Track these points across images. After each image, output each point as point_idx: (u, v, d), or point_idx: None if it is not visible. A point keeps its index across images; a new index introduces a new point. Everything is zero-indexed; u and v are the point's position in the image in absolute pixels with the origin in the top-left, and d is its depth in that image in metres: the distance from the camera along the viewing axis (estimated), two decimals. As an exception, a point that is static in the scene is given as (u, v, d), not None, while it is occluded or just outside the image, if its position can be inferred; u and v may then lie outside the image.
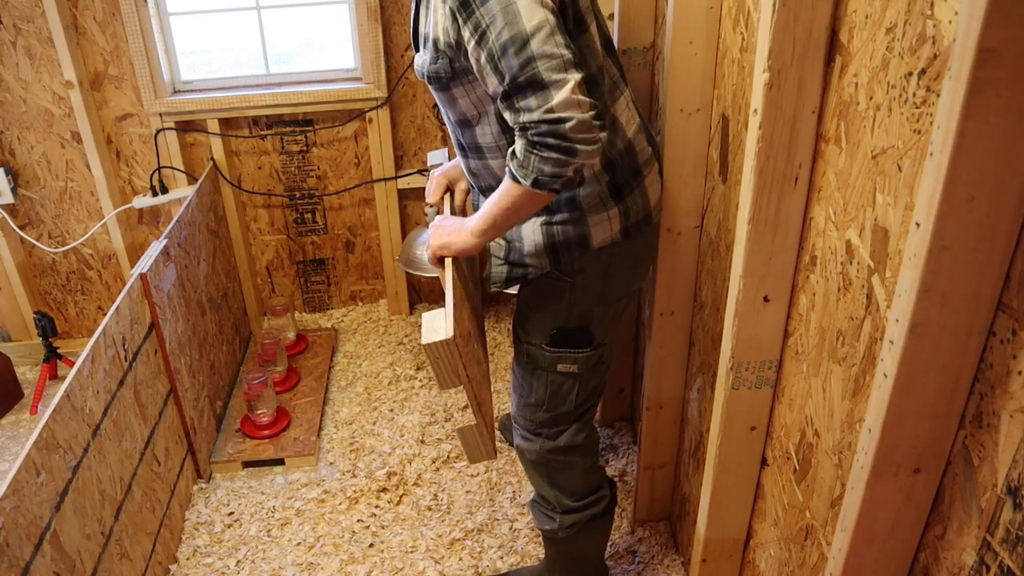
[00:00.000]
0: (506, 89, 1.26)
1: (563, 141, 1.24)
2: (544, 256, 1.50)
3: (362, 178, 2.87)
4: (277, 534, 2.14)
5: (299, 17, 2.80)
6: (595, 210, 1.47)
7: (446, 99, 1.45)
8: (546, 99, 1.23)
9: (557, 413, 1.63)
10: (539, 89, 1.23)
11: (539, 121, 1.23)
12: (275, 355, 2.64)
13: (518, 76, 1.23)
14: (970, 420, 0.90)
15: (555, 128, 1.23)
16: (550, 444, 1.66)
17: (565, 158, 1.25)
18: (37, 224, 2.80)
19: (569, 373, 1.58)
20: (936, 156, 0.77)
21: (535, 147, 1.26)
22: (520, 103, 1.25)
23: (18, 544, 1.35)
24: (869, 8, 0.99)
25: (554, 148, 1.25)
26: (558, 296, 1.53)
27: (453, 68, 1.37)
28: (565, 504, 1.72)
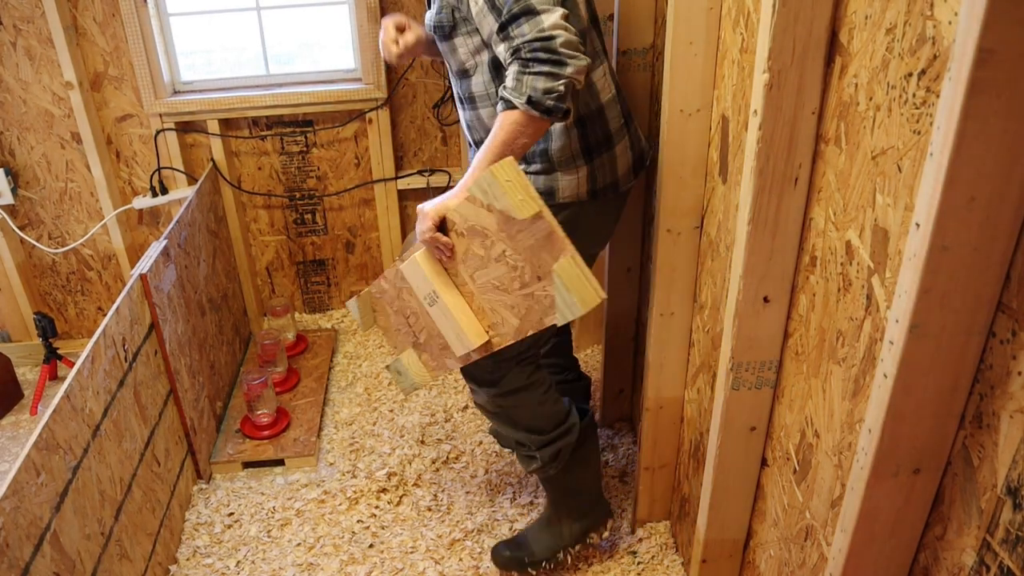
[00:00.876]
0: (502, 22, 1.40)
1: (553, 55, 1.36)
2: None
3: (362, 179, 2.87)
4: (277, 535, 2.14)
5: (299, 18, 2.80)
6: (565, 165, 1.61)
7: (448, 49, 1.60)
8: (537, 23, 1.37)
9: (498, 359, 1.66)
10: (531, 15, 1.37)
11: (532, 40, 1.36)
12: (275, 356, 2.64)
13: (513, 7, 1.38)
14: (970, 420, 0.90)
15: (546, 44, 1.36)
16: (494, 391, 1.74)
17: (556, 71, 1.36)
18: (37, 225, 2.80)
19: None
20: (936, 157, 0.78)
21: (528, 64, 1.37)
22: (514, 31, 1.39)
23: (18, 544, 1.35)
24: (869, 9, 0.99)
25: (546, 62, 1.36)
26: None
27: (454, 17, 1.54)
28: (537, 440, 1.81)
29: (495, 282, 1.48)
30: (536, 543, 1.94)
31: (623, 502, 2.19)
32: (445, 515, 2.19)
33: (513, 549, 1.96)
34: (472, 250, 1.48)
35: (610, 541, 2.07)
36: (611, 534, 2.08)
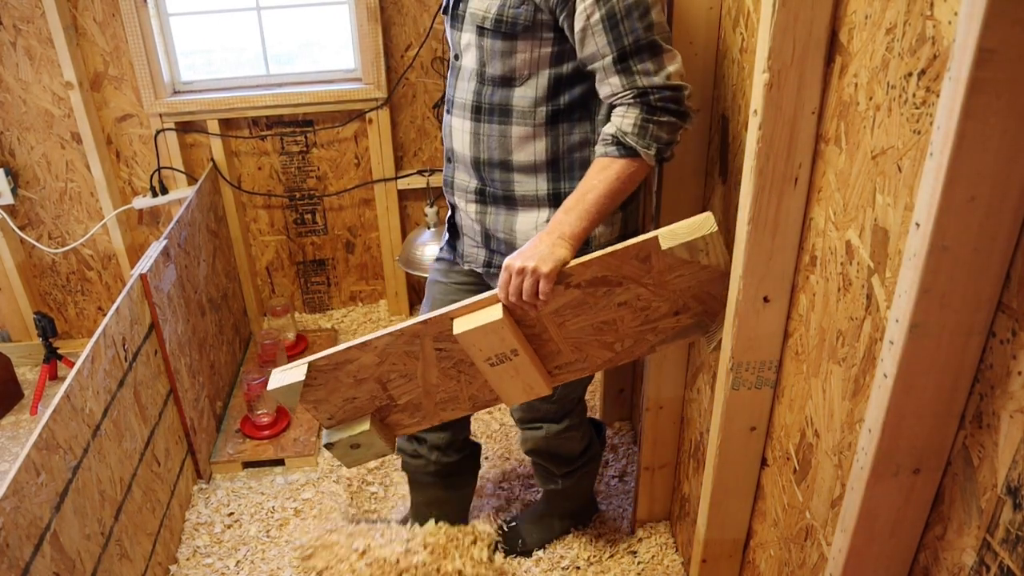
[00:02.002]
0: (624, 50, 1.29)
1: (682, 107, 1.32)
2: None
3: (362, 179, 2.87)
4: (277, 534, 2.14)
5: (299, 18, 2.80)
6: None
7: (502, 49, 1.38)
8: (662, 64, 1.30)
9: (564, 402, 1.73)
10: (656, 53, 1.30)
11: (663, 87, 1.30)
12: (275, 355, 2.64)
13: (641, 39, 1.28)
14: (970, 420, 0.90)
15: (677, 94, 1.31)
16: (555, 428, 1.77)
17: (681, 123, 1.33)
18: (37, 225, 2.80)
19: None
20: (936, 156, 0.78)
21: (656, 112, 1.31)
22: (638, 66, 1.30)
23: (18, 544, 1.35)
24: (869, 8, 0.99)
25: (675, 113, 1.32)
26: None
27: (535, 18, 1.34)
28: (563, 470, 1.88)
29: (600, 325, 1.41)
30: (528, 535, 2.03)
31: (623, 502, 2.19)
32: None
33: (507, 538, 2.02)
34: (576, 299, 1.38)
35: (611, 541, 2.07)
36: (611, 534, 2.09)
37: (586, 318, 1.41)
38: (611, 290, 1.37)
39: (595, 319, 1.41)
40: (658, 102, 1.31)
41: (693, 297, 1.38)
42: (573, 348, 1.45)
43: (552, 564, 2.01)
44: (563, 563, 2.01)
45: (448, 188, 1.62)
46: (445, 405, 1.55)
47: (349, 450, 1.56)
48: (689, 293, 1.37)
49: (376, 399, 1.53)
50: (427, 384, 1.51)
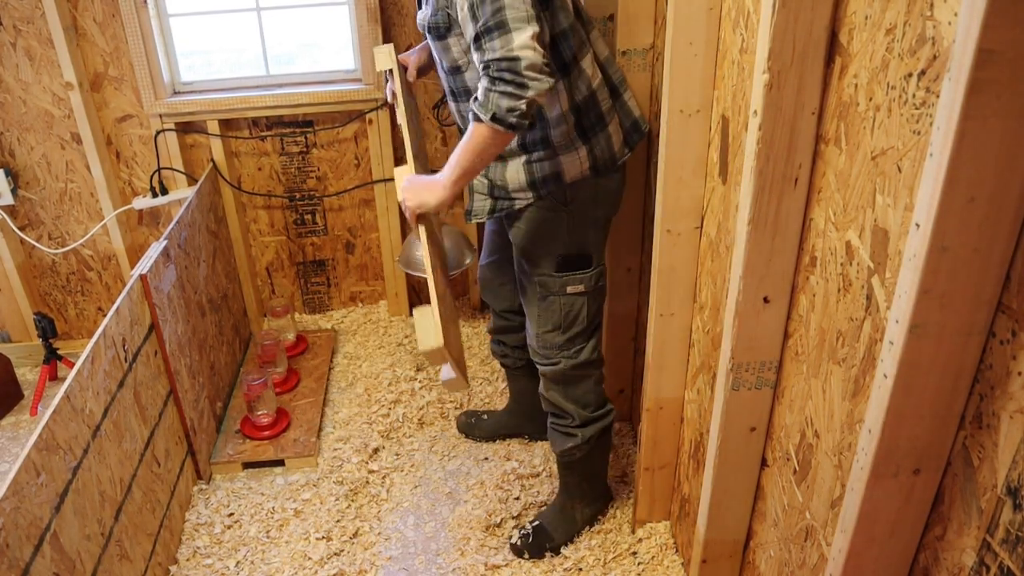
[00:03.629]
0: (478, 32, 1.50)
1: (518, 76, 1.47)
2: (528, 190, 1.75)
3: (362, 179, 2.87)
4: (277, 535, 2.14)
5: (299, 18, 2.80)
6: (565, 148, 1.71)
7: (441, 48, 1.71)
8: (508, 41, 1.47)
9: (572, 333, 1.86)
10: (504, 32, 1.47)
11: (499, 58, 1.47)
12: (275, 356, 2.64)
13: (489, 20, 1.48)
14: (970, 421, 0.90)
15: (512, 64, 1.47)
16: (572, 362, 1.89)
17: (519, 92, 1.48)
18: (37, 225, 2.80)
19: (578, 293, 1.83)
20: (936, 157, 0.78)
21: (494, 83, 1.49)
22: (486, 44, 1.49)
23: (18, 545, 1.35)
24: (869, 9, 0.99)
25: (510, 83, 1.48)
26: (558, 226, 1.78)
27: (449, 19, 1.63)
28: (583, 416, 1.95)
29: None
30: (555, 531, 2.07)
31: (623, 502, 2.19)
32: (450, 513, 2.19)
33: (535, 538, 2.05)
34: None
35: (611, 541, 2.07)
36: (611, 534, 2.09)
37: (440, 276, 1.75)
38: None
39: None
40: (495, 72, 1.49)
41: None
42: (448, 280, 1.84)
43: (553, 565, 2.01)
44: (565, 564, 2.01)
45: None
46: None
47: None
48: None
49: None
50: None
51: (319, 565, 2.03)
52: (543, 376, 1.96)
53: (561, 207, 1.76)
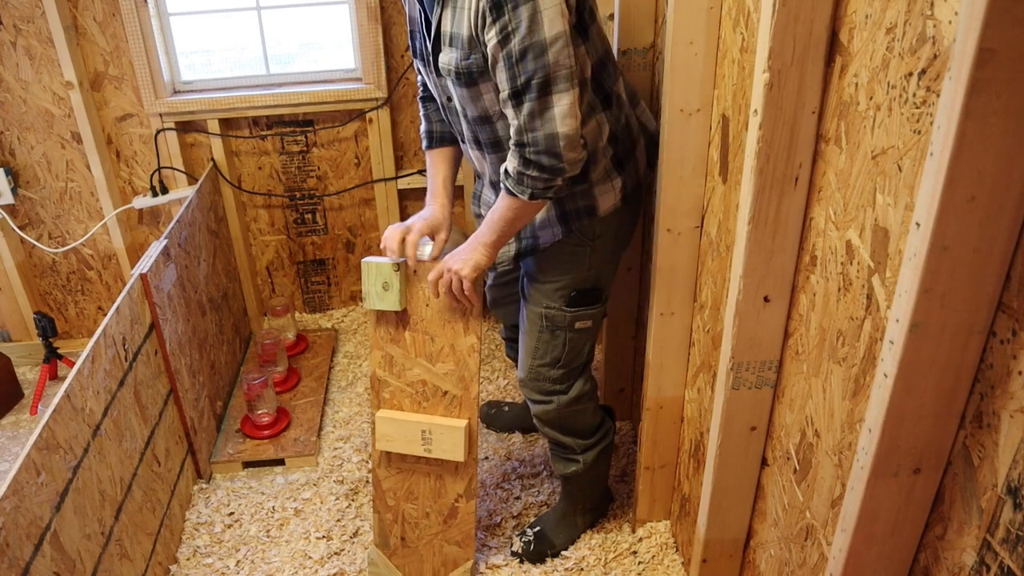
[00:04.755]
0: (518, 88, 1.39)
1: (556, 161, 1.42)
2: (557, 225, 1.65)
3: (362, 178, 2.87)
4: (277, 534, 2.14)
5: (299, 18, 2.80)
6: (601, 182, 1.61)
7: (470, 95, 1.53)
8: (547, 109, 1.38)
9: (570, 368, 1.80)
10: (544, 94, 1.38)
11: (537, 139, 1.41)
12: (275, 355, 2.64)
13: (532, 76, 1.37)
14: (970, 420, 0.90)
15: (550, 145, 1.41)
16: (564, 399, 1.83)
17: (556, 176, 1.45)
18: (37, 224, 2.80)
19: (584, 329, 1.76)
20: (936, 156, 0.78)
21: (528, 165, 1.44)
22: (526, 106, 1.39)
23: (18, 544, 1.35)
24: (869, 8, 0.99)
25: (547, 168, 1.43)
26: (579, 261, 1.69)
27: (485, 65, 1.45)
28: (582, 444, 1.92)
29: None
30: (556, 536, 2.06)
31: (623, 502, 2.19)
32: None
33: (536, 544, 2.04)
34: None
35: (611, 541, 2.07)
36: (612, 534, 2.09)
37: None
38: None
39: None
40: (532, 155, 1.43)
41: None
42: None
43: (553, 566, 2.02)
44: (566, 564, 2.01)
45: (476, 201, 1.85)
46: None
47: (381, 289, 1.78)
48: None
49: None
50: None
51: (319, 564, 2.03)
52: (535, 416, 1.89)
53: (587, 242, 1.67)
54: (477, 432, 1.87)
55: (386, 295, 1.77)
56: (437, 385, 1.84)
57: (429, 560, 1.98)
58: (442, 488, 1.92)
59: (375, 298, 1.78)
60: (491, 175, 1.69)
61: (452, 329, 1.79)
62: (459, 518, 1.94)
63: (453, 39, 1.47)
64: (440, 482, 1.92)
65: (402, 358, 1.85)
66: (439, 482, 1.92)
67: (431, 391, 1.85)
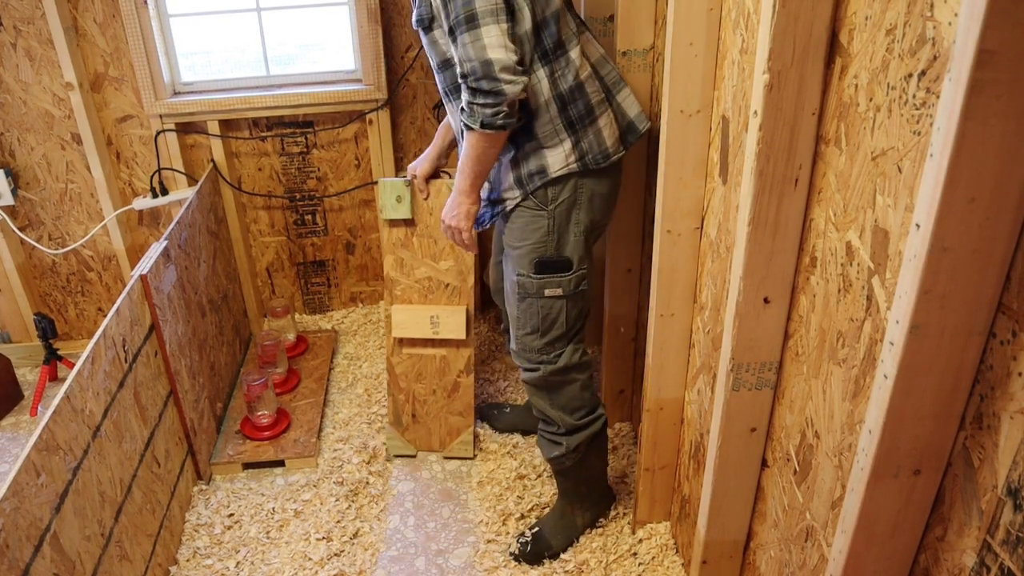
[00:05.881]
0: (451, 25, 1.55)
1: (494, 83, 1.54)
2: (515, 187, 1.77)
3: (362, 179, 2.87)
4: (277, 535, 2.14)
5: (299, 19, 2.80)
6: (549, 139, 1.71)
7: (429, 42, 1.73)
8: (477, 40, 1.52)
9: (551, 337, 1.85)
10: (472, 27, 1.53)
11: (473, 67, 1.54)
12: (275, 356, 2.64)
13: (460, 13, 1.53)
14: (970, 421, 0.90)
15: (486, 69, 1.53)
16: (551, 367, 1.87)
17: (498, 99, 1.55)
18: (37, 226, 2.80)
19: (556, 296, 1.82)
20: (936, 157, 0.78)
21: (474, 94, 1.56)
22: (459, 40, 1.55)
23: (18, 545, 1.35)
24: (869, 10, 0.99)
25: (488, 92, 1.55)
26: (539, 226, 1.78)
27: (432, 9, 1.66)
28: (568, 423, 1.93)
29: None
30: (554, 537, 2.05)
31: (623, 502, 2.19)
32: (450, 513, 2.19)
33: (533, 545, 2.03)
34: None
35: (612, 542, 2.07)
36: (612, 535, 2.09)
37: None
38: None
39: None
40: (472, 83, 1.56)
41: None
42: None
43: (553, 567, 2.01)
44: (567, 566, 2.01)
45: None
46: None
47: (395, 202, 2.19)
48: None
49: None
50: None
51: (319, 566, 2.03)
52: (525, 383, 1.95)
53: (542, 207, 1.76)
54: (474, 316, 2.32)
55: (399, 206, 2.18)
56: (440, 279, 2.26)
57: (436, 431, 2.40)
58: (446, 366, 2.34)
59: (390, 209, 2.18)
60: (457, 124, 1.81)
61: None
62: (460, 391, 2.36)
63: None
64: (444, 362, 2.34)
65: (411, 259, 2.26)
66: (443, 362, 2.34)
67: (435, 285, 2.27)
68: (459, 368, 2.33)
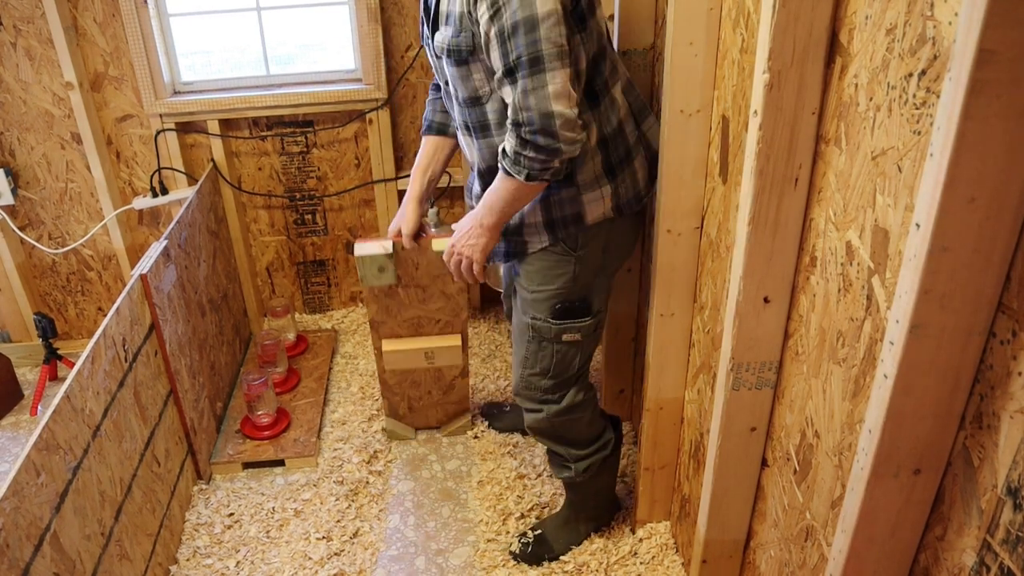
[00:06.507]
0: (510, 65, 1.39)
1: (551, 140, 1.40)
2: (543, 232, 1.64)
3: (362, 179, 2.87)
4: (277, 535, 2.14)
5: (299, 18, 2.80)
6: (589, 188, 1.60)
7: (460, 75, 1.54)
8: (541, 86, 1.37)
9: (561, 379, 1.79)
10: (537, 71, 1.37)
11: (532, 117, 1.39)
12: (275, 356, 2.64)
13: (522, 53, 1.36)
14: (970, 421, 0.90)
15: (546, 124, 1.39)
16: (555, 408, 1.81)
17: (552, 157, 1.43)
18: (37, 225, 2.80)
19: (573, 342, 1.73)
20: (936, 157, 0.78)
21: (525, 145, 1.42)
22: (520, 83, 1.38)
23: (18, 545, 1.35)
24: (869, 9, 0.99)
25: (543, 148, 1.41)
26: (563, 272, 1.67)
27: (474, 42, 1.46)
28: (575, 454, 1.91)
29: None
30: (556, 542, 2.05)
31: (624, 502, 2.19)
32: (450, 512, 2.19)
33: (535, 547, 2.03)
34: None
35: (611, 541, 2.07)
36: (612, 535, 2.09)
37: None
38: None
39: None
40: (528, 134, 1.41)
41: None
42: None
43: (552, 567, 2.01)
44: (566, 567, 2.01)
45: (469, 193, 1.82)
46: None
47: (377, 271, 2.07)
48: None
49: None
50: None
51: (319, 565, 2.03)
52: (530, 429, 1.89)
53: (570, 253, 1.65)
54: (467, 334, 2.25)
55: (382, 275, 2.07)
56: (431, 316, 2.19)
57: (434, 416, 2.45)
58: (440, 375, 2.34)
59: (372, 279, 2.07)
60: (479, 163, 1.67)
61: (441, 280, 2.10)
62: (456, 389, 2.37)
63: (448, 17, 1.49)
64: (439, 372, 2.32)
65: (397, 306, 2.17)
66: (437, 372, 2.32)
67: (426, 320, 2.20)
68: (454, 375, 2.36)
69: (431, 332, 2.21)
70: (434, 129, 1.88)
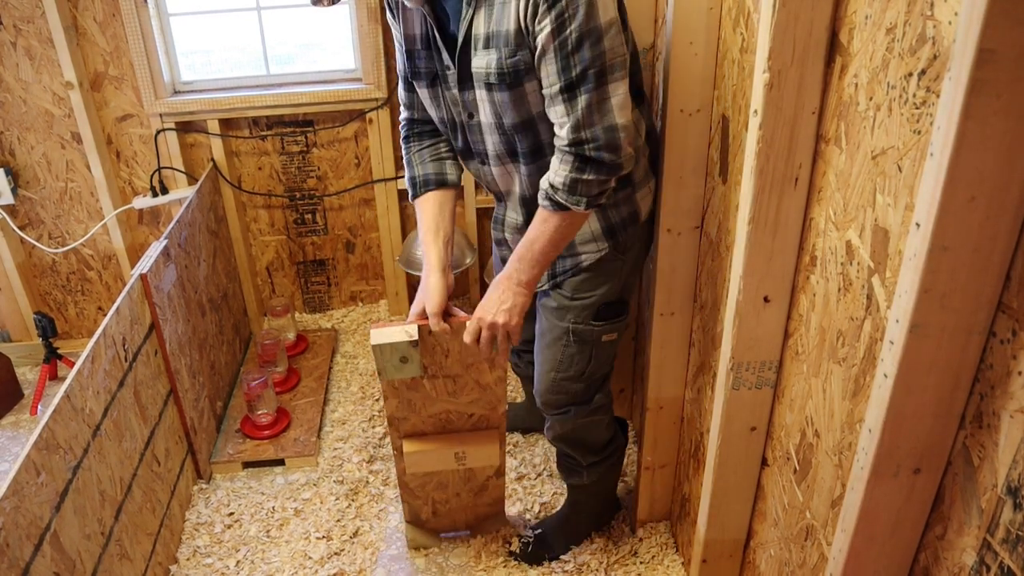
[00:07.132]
0: (572, 80, 1.29)
1: (616, 157, 1.32)
2: (603, 239, 1.56)
3: (362, 179, 2.87)
4: (277, 534, 2.14)
5: (299, 18, 2.80)
6: (641, 184, 1.57)
7: (512, 99, 1.39)
8: (604, 99, 1.29)
9: (591, 380, 1.74)
10: (601, 84, 1.29)
11: (597, 133, 1.30)
12: (275, 355, 2.64)
13: (588, 65, 1.28)
14: (970, 420, 0.90)
15: (612, 140, 1.31)
16: (584, 409, 1.77)
17: (608, 178, 1.34)
18: (37, 225, 2.80)
19: (611, 342, 1.69)
20: (936, 157, 0.78)
21: (586, 166, 1.32)
22: (583, 98, 1.29)
23: (18, 544, 1.35)
24: (869, 9, 0.99)
25: (607, 165, 1.32)
26: (612, 274, 1.60)
27: (533, 59, 1.34)
28: (591, 459, 1.89)
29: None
30: (556, 541, 2.04)
31: (624, 502, 2.19)
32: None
33: (535, 546, 2.03)
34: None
35: (611, 541, 2.07)
36: (612, 534, 2.09)
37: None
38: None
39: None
40: (591, 151, 1.31)
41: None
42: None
43: (552, 567, 2.01)
44: (566, 566, 2.01)
45: (498, 225, 1.71)
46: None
47: (398, 362, 1.62)
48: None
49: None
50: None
51: (319, 564, 2.03)
52: (550, 429, 1.84)
53: (620, 254, 1.58)
54: (505, 431, 1.88)
55: (404, 367, 1.63)
56: (463, 411, 1.79)
57: (463, 518, 2.10)
58: (471, 476, 1.96)
59: (392, 372, 1.63)
60: (525, 189, 1.53)
61: (476, 369, 1.68)
62: (490, 490, 2.01)
63: (492, 39, 1.35)
64: (470, 471, 1.94)
65: (422, 400, 1.75)
66: (468, 472, 1.94)
67: (456, 416, 1.80)
68: (487, 475, 1.96)
69: (462, 427, 1.82)
70: (432, 183, 1.64)
